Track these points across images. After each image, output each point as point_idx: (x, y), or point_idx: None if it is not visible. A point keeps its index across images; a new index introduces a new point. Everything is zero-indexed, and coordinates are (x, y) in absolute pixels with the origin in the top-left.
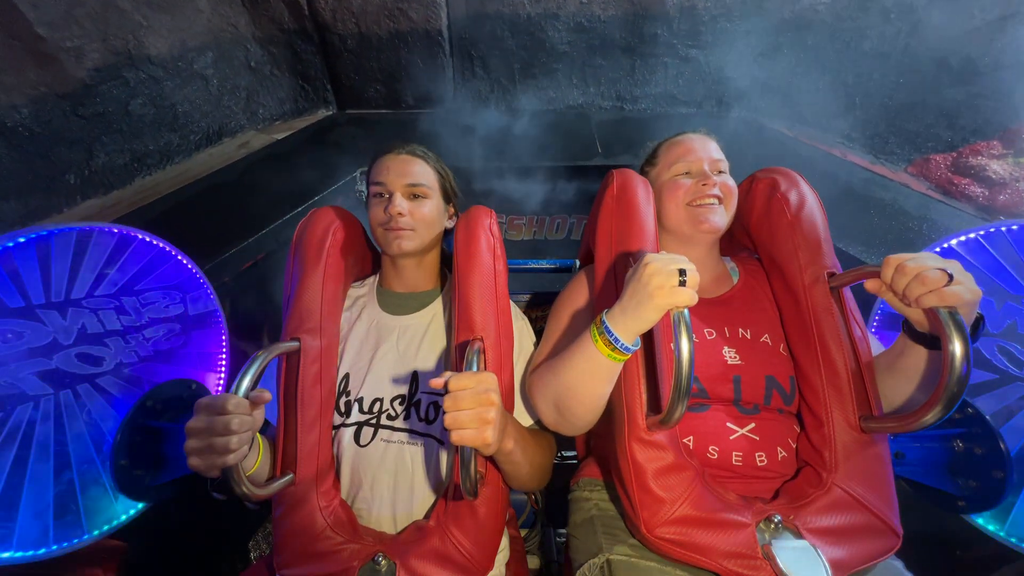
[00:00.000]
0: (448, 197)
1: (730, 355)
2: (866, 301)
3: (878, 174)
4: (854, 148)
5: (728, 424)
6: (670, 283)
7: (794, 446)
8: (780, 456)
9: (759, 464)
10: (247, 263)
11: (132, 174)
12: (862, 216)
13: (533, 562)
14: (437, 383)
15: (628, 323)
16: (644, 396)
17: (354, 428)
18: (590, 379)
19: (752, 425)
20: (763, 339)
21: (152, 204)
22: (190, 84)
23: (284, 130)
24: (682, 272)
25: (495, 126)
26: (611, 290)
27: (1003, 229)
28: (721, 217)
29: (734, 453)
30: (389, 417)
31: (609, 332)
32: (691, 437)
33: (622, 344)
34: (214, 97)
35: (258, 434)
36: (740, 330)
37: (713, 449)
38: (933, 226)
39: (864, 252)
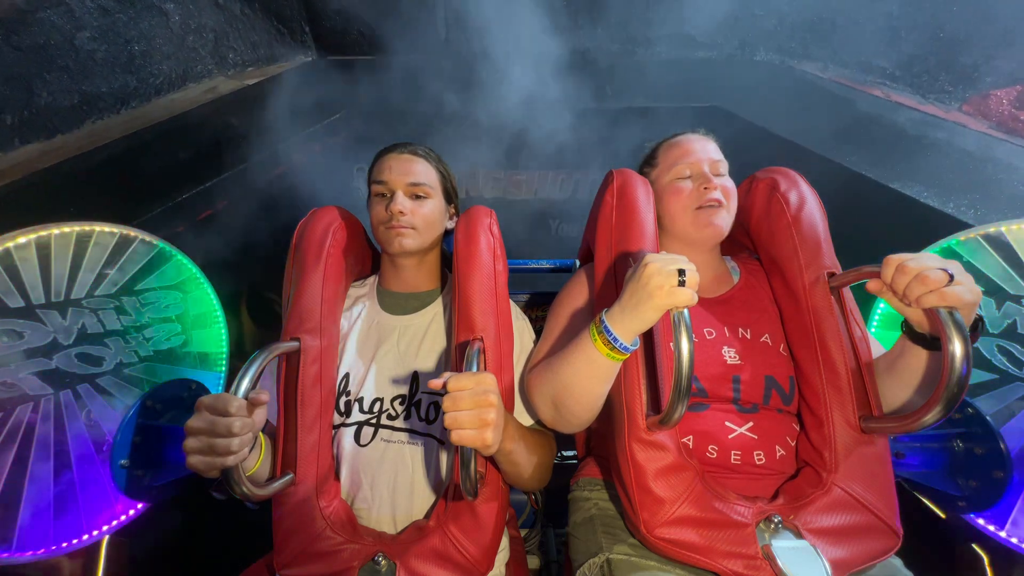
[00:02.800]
0: (449, 197)
1: (730, 355)
2: (867, 301)
3: (929, 114)
4: (898, 88)
5: (727, 423)
6: (669, 283)
7: (793, 444)
8: (778, 455)
9: (757, 462)
10: (205, 211)
11: (81, 117)
12: (917, 157)
13: (533, 562)
14: (436, 384)
15: (627, 323)
16: (644, 396)
17: (354, 428)
18: (588, 378)
19: (750, 424)
20: (763, 339)
21: (102, 147)
22: (146, 19)
23: (257, 77)
24: (681, 272)
25: (491, 72)
26: (611, 289)
27: (1003, 229)
28: (724, 219)
29: (732, 452)
30: (389, 417)
31: (608, 331)
32: (690, 436)
33: (621, 344)
34: (176, 36)
35: (260, 433)
36: (740, 329)
37: (712, 448)
38: (999, 165)
39: (925, 192)
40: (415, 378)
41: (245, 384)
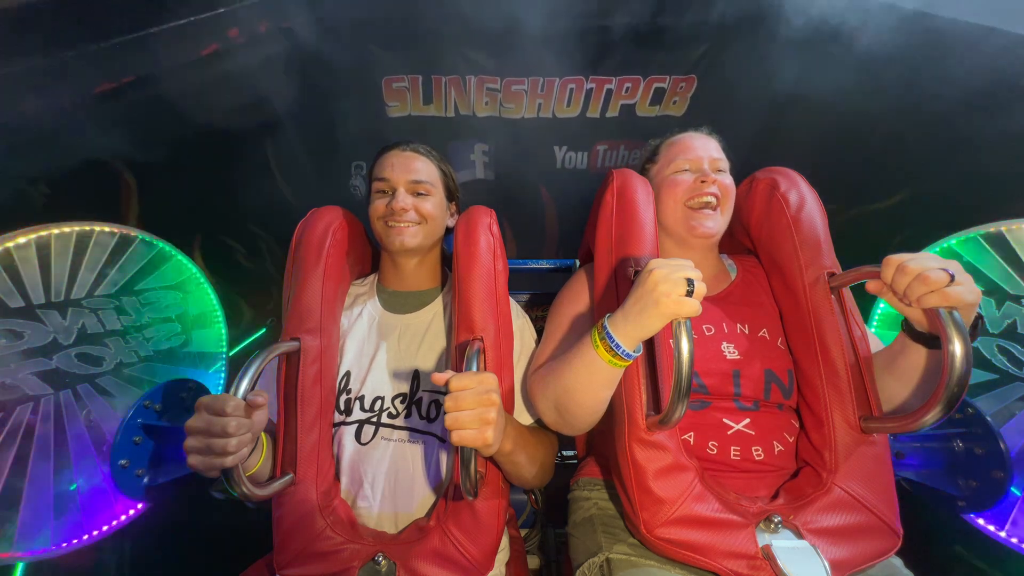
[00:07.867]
0: (451, 195)
1: (729, 350)
2: (867, 301)
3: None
4: None
5: (725, 420)
6: (677, 292)
7: (791, 440)
8: (777, 450)
9: (756, 458)
10: (110, 82)
11: None
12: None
13: (533, 562)
14: (439, 379)
15: (630, 330)
16: (644, 396)
17: (355, 426)
18: (590, 384)
19: (747, 420)
20: (761, 333)
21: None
22: None
23: None
24: (690, 282)
25: None
26: (611, 292)
27: (1003, 229)
28: (716, 223)
29: (732, 448)
30: (390, 415)
31: (611, 338)
32: (691, 434)
33: (623, 350)
34: None
35: (263, 433)
36: (739, 325)
37: (712, 445)
38: None
39: None
40: (416, 376)
41: (244, 384)
